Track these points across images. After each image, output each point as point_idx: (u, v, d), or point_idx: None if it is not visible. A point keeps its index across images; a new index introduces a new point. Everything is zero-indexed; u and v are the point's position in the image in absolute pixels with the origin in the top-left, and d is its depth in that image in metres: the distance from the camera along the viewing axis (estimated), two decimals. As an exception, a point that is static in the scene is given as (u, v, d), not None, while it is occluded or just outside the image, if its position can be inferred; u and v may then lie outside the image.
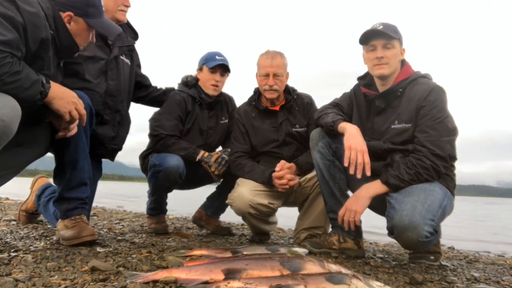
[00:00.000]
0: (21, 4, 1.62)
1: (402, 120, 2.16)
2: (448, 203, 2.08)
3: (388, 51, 2.18)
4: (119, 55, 2.59)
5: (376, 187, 2.12)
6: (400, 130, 2.16)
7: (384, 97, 2.23)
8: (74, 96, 1.85)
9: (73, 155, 2.11)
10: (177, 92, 2.97)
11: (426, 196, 1.99)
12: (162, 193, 2.93)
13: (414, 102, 2.13)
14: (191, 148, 2.80)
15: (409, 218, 1.92)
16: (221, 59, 2.91)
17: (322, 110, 2.40)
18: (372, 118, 2.28)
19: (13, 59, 1.57)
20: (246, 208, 2.59)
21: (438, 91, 2.13)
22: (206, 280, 1.35)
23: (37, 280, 1.36)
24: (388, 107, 2.23)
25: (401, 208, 1.97)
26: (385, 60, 2.17)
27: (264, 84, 2.70)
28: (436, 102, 2.09)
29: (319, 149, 2.33)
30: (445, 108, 2.12)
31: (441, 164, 2.05)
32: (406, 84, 2.19)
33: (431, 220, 1.93)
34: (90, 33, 2.00)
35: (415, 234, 1.91)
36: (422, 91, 2.13)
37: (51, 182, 2.84)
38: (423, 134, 2.08)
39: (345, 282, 1.30)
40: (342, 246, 2.33)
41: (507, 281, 2.00)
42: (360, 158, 2.05)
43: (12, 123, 1.59)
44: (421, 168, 2.04)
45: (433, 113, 2.08)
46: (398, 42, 2.21)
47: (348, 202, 2.18)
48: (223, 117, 3.08)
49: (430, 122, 2.07)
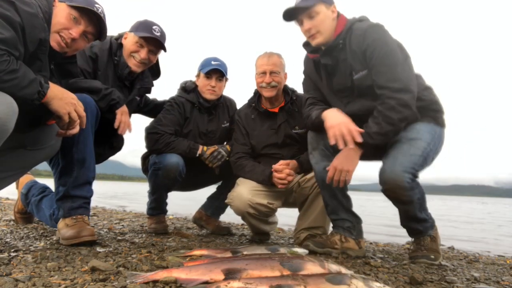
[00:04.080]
0: (20, 5, 1.62)
1: (357, 69, 2.16)
2: (435, 144, 2.15)
3: (314, 20, 2.17)
4: (135, 96, 2.70)
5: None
6: (362, 78, 2.16)
7: (329, 54, 2.23)
8: (74, 98, 1.85)
9: (82, 153, 2.16)
10: (175, 97, 2.98)
11: (409, 146, 2.08)
12: (162, 192, 2.93)
13: (356, 50, 2.13)
14: (191, 144, 2.80)
15: (391, 169, 2.04)
16: (216, 64, 2.89)
17: (306, 114, 2.39)
18: (329, 79, 2.28)
19: (10, 57, 1.57)
20: (245, 207, 2.59)
21: (372, 29, 2.12)
22: (206, 280, 1.35)
23: (37, 280, 1.36)
24: (338, 63, 2.22)
25: (385, 162, 2.10)
26: (315, 30, 2.17)
27: (261, 82, 2.70)
28: (375, 41, 2.08)
29: (319, 152, 2.33)
30: (386, 40, 2.10)
31: (406, 97, 2.04)
32: (344, 35, 2.18)
33: (411, 168, 2.03)
34: (68, 16, 1.87)
35: (397, 183, 2.02)
36: (357, 36, 2.12)
37: (36, 180, 2.84)
38: (377, 75, 2.09)
39: (345, 283, 1.30)
40: (344, 245, 2.34)
41: (507, 281, 2.00)
42: (344, 129, 2.04)
43: (8, 120, 1.58)
44: (388, 110, 2.05)
45: (376, 52, 2.07)
46: (323, 4, 2.18)
47: (338, 161, 2.15)
48: (225, 121, 3.08)
49: (378, 61, 2.07)
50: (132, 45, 2.53)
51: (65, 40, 1.89)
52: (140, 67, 2.57)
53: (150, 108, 3.03)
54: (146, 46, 2.53)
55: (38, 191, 2.69)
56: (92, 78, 2.46)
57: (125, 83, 2.61)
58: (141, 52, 2.53)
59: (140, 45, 2.52)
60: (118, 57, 2.54)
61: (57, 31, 1.86)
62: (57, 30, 1.86)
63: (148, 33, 2.51)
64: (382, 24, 2.15)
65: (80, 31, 1.92)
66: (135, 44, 2.52)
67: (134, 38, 2.53)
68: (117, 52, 2.55)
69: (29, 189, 2.76)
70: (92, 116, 2.17)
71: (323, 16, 2.17)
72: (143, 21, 2.60)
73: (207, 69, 2.88)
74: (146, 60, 2.56)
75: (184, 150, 2.76)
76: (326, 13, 2.18)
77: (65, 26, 1.88)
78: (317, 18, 2.17)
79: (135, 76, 2.64)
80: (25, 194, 2.78)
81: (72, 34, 1.89)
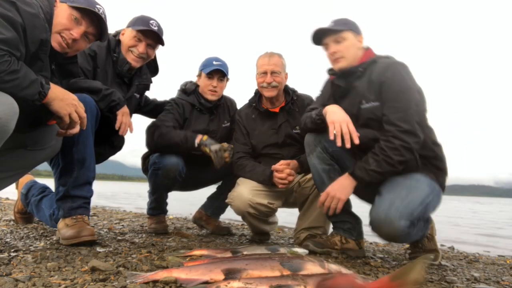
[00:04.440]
0: (21, 5, 1.62)
1: (369, 99, 2.13)
2: (433, 199, 2.06)
3: (339, 45, 2.18)
4: (134, 93, 2.68)
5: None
6: (371, 109, 2.12)
7: (344, 77, 2.22)
8: (75, 99, 1.85)
9: (82, 153, 2.17)
10: (175, 99, 2.97)
11: (408, 192, 1.98)
12: (162, 192, 2.93)
13: (374, 80, 2.10)
14: (187, 133, 2.74)
15: (385, 212, 1.93)
16: (218, 64, 2.88)
17: (305, 116, 2.39)
18: (339, 102, 2.26)
19: (11, 58, 1.57)
20: (245, 207, 2.59)
21: (396, 66, 2.10)
22: (206, 280, 1.35)
23: (37, 280, 1.36)
24: (351, 89, 2.21)
25: (379, 204, 1.99)
26: (339, 54, 2.19)
27: (262, 82, 2.70)
28: (395, 76, 2.06)
29: (317, 155, 2.31)
30: (407, 81, 2.07)
31: (412, 141, 1.99)
32: (367, 65, 2.18)
33: (409, 214, 1.92)
34: (69, 16, 1.87)
35: (391, 228, 1.92)
36: (380, 68, 2.11)
37: (35, 180, 2.84)
38: (389, 110, 2.04)
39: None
40: (344, 246, 2.33)
41: (507, 281, 2.00)
42: (345, 127, 2.04)
43: (9, 120, 1.58)
44: (390, 150, 2.00)
45: (394, 87, 2.05)
46: (351, 32, 2.20)
47: (332, 188, 2.15)
48: (225, 121, 3.08)
49: (393, 95, 2.04)
50: (130, 40, 2.52)
51: (66, 40, 1.89)
52: (138, 62, 2.56)
53: (151, 108, 3.03)
54: (144, 40, 2.52)
55: (37, 191, 2.68)
56: (92, 75, 2.46)
57: (124, 80, 2.60)
58: (139, 46, 2.51)
59: (138, 39, 2.51)
60: (117, 53, 2.54)
61: (58, 32, 1.86)
62: (58, 30, 1.86)
63: (145, 26, 2.50)
64: (407, 65, 2.12)
65: (81, 32, 1.92)
66: (133, 38, 2.51)
67: (131, 32, 2.52)
68: (115, 49, 2.55)
69: (28, 189, 2.76)
70: (92, 116, 2.17)
71: (350, 43, 2.19)
72: (140, 16, 2.59)
73: (209, 69, 2.88)
74: (145, 55, 2.55)
75: (180, 139, 2.69)
76: (353, 40, 2.20)
77: (66, 26, 1.88)
78: (344, 43, 2.18)
79: (133, 73, 2.63)
80: (25, 194, 2.78)
81: (73, 34, 1.89)
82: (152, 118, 2.99)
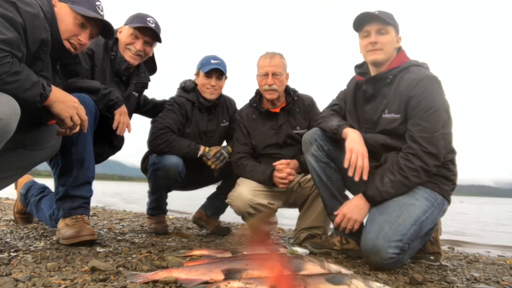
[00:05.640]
0: (21, 5, 1.62)
1: (392, 110, 2.06)
2: (432, 214, 1.99)
3: (382, 37, 2.08)
4: (132, 92, 2.67)
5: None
6: (390, 120, 2.07)
7: (373, 83, 2.14)
8: (76, 101, 1.86)
9: (81, 154, 2.18)
10: (175, 97, 2.97)
11: (399, 213, 1.93)
12: (162, 192, 2.93)
13: (402, 92, 2.02)
14: (192, 144, 2.77)
15: (373, 241, 1.90)
16: (216, 63, 2.87)
17: (325, 116, 2.36)
18: (362, 105, 2.21)
19: (13, 59, 1.57)
20: (245, 207, 2.59)
21: (427, 81, 1.99)
22: (206, 280, 1.35)
23: (37, 280, 1.36)
24: (378, 95, 2.14)
25: (368, 230, 1.96)
26: (379, 46, 2.08)
27: (264, 84, 2.70)
28: (425, 93, 1.96)
29: (312, 152, 2.30)
30: (436, 98, 1.98)
31: (432, 163, 1.95)
32: (397, 72, 2.08)
33: (398, 241, 1.88)
34: (75, 21, 1.90)
35: (379, 258, 1.89)
36: (411, 80, 2.01)
37: (34, 180, 2.84)
38: (415, 127, 1.97)
39: (345, 283, 1.30)
40: (344, 247, 2.33)
41: (507, 281, 2.00)
42: (360, 161, 2.02)
43: (10, 121, 1.58)
44: (409, 170, 1.95)
45: (422, 104, 1.95)
46: (394, 28, 2.12)
47: (347, 208, 2.12)
48: (224, 120, 3.08)
49: (422, 113, 1.95)
50: (127, 38, 2.51)
51: (75, 45, 1.93)
52: (136, 59, 2.55)
53: (149, 107, 3.02)
54: (141, 37, 2.51)
55: (37, 191, 2.68)
56: (90, 74, 2.46)
57: (122, 78, 2.59)
58: (137, 44, 2.51)
59: (135, 37, 2.51)
60: (114, 52, 2.53)
61: (67, 39, 1.90)
62: (67, 37, 1.90)
63: (142, 24, 2.50)
64: (440, 80, 2.02)
65: (88, 35, 1.97)
66: (130, 36, 2.51)
67: (129, 30, 2.52)
68: (113, 47, 2.54)
69: (28, 189, 2.76)
70: (91, 116, 2.17)
71: (391, 38, 2.10)
72: (137, 14, 2.58)
73: (207, 68, 2.87)
74: (142, 52, 2.54)
75: (185, 150, 2.73)
76: (393, 37, 2.12)
77: (74, 33, 1.91)
78: (386, 36, 2.09)
79: (131, 71, 2.63)
80: (24, 194, 2.78)
81: (81, 40, 1.94)
82: (150, 117, 2.98)
